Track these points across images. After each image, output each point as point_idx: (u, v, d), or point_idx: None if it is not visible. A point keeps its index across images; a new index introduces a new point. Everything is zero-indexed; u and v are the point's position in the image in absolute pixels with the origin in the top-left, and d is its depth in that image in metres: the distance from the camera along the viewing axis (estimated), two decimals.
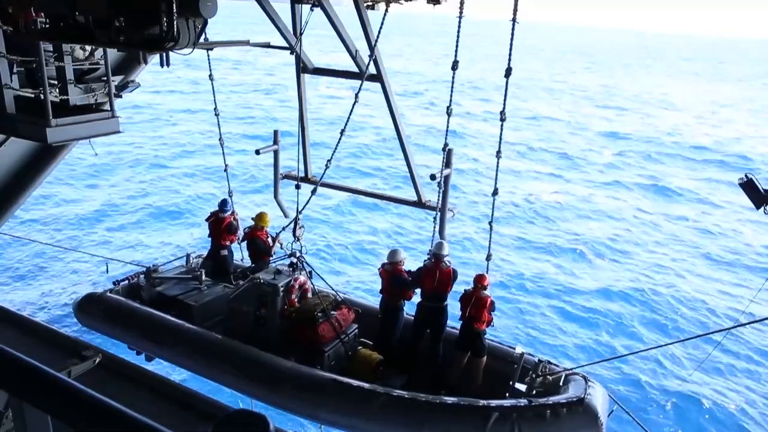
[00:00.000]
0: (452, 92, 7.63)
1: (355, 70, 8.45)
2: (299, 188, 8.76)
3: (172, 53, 5.44)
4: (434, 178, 8.01)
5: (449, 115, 7.89)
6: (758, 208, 6.23)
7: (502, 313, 7.97)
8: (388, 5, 7.58)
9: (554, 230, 24.93)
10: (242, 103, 47.40)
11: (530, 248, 22.90)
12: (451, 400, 6.48)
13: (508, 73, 7.08)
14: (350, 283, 18.58)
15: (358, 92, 7.67)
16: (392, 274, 8.15)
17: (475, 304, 7.63)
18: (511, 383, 7.04)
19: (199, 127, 37.72)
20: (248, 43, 8.78)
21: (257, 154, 9.65)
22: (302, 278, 8.12)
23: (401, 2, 7.69)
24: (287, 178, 9.80)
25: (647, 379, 15.11)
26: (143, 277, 9.13)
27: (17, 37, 6.19)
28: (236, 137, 34.35)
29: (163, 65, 8.41)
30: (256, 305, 7.78)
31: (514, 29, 6.61)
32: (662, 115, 55.36)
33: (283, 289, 7.79)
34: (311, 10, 7.89)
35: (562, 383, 6.90)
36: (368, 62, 7.80)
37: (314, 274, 8.51)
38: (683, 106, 61.53)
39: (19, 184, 10.45)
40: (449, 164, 8.19)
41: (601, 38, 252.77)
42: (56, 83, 7.27)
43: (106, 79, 7.62)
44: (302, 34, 8.41)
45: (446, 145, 8.11)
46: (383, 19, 7.42)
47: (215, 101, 9.93)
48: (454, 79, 7.52)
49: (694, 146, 42.09)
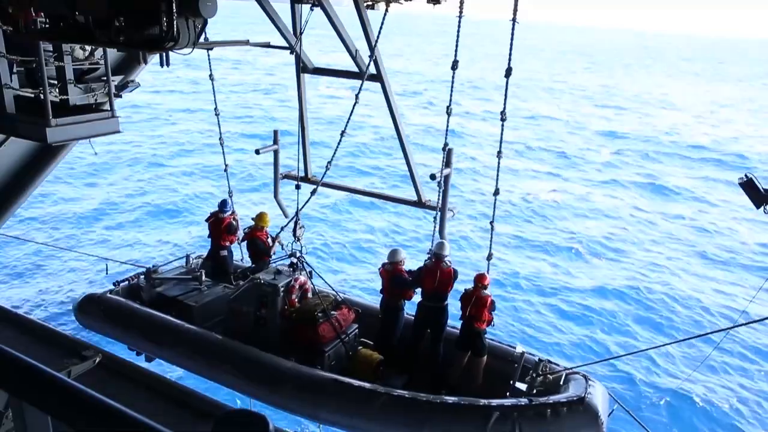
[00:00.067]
0: (452, 92, 7.63)
1: (355, 69, 8.44)
2: (299, 188, 8.77)
3: (171, 53, 5.44)
4: (434, 177, 8.00)
5: (449, 114, 7.88)
6: (758, 207, 6.24)
7: (498, 311, 7.99)
8: (388, 5, 7.57)
9: (551, 229, 24.96)
10: (242, 102, 47.33)
11: (527, 246, 22.91)
12: (451, 399, 6.48)
13: (508, 73, 7.09)
14: (348, 281, 18.54)
15: (358, 92, 7.68)
16: (392, 273, 8.15)
17: (475, 303, 7.63)
18: (511, 382, 7.03)
19: (198, 126, 37.70)
20: (248, 42, 8.78)
21: (257, 153, 9.64)
22: (302, 278, 8.12)
23: (401, 2, 7.68)
24: (287, 178, 9.79)
25: (642, 377, 15.12)
26: (143, 277, 9.10)
27: (17, 37, 6.19)
28: (235, 136, 34.34)
29: (162, 65, 8.40)
30: (256, 305, 7.77)
31: (514, 29, 6.61)
32: (661, 114, 55.37)
33: (283, 289, 7.79)
34: (311, 9, 7.88)
35: (562, 382, 6.90)
36: (368, 62, 7.80)
37: (314, 273, 8.51)
38: (683, 105, 61.53)
39: (19, 183, 10.45)
40: (449, 164, 8.18)
41: (601, 38, 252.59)
42: (56, 83, 7.27)
43: (105, 78, 7.62)
44: (302, 33, 8.41)
45: (446, 144, 8.10)
46: (383, 18, 7.42)
47: (215, 101, 9.93)
48: (453, 78, 7.52)
49: (692, 145, 42.11)
